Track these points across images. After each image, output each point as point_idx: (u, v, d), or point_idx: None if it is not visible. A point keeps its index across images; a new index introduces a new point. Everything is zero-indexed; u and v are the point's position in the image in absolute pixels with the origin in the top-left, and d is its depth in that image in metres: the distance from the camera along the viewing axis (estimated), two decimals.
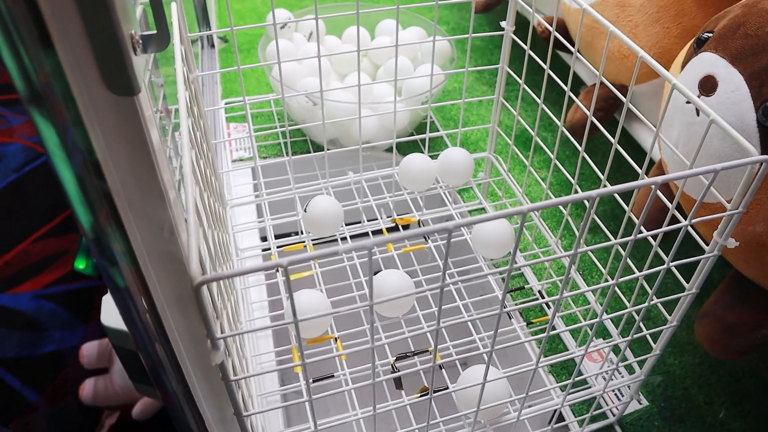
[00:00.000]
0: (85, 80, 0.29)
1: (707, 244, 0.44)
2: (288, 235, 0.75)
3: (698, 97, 0.47)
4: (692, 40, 0.52)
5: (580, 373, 0.63)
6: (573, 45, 0.54)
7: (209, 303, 0.41)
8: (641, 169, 0.49)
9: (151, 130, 0.34)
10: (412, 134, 0.92)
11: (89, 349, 1.20)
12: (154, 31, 0.33)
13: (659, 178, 0.34)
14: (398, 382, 0.55)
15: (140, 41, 0.31)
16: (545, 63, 0.59)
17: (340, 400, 0.57)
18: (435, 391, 0.47)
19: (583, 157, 0.58)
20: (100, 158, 0.31)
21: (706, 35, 0.50)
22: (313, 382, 0.57)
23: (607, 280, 0.65)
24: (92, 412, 1.47)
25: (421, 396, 0.52)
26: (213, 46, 1.11)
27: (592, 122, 0.55)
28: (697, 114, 0.47)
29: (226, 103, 0.97)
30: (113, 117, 0.31)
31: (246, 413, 0.39)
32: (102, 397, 1.19)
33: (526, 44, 0.62)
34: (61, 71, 0.28)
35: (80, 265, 0.95)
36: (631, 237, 0.39)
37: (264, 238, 0.78)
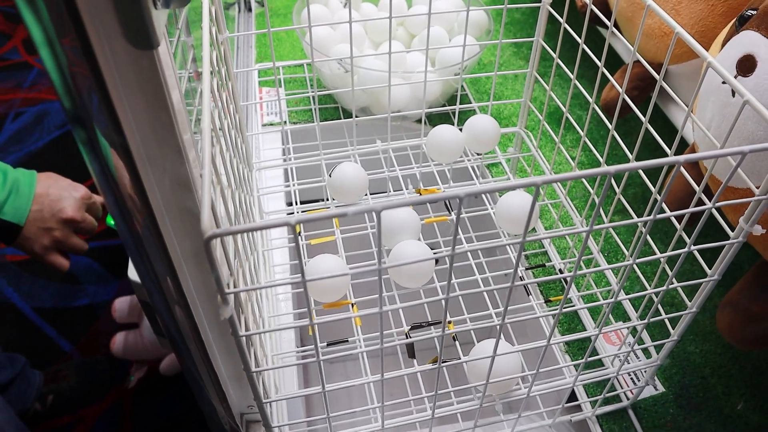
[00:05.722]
0: (105, 33, 0.30)
1: (734, 230, 0.43)
2: (314, 201, 0.76)
3: (735, 77, 0.46)
4: (736, 18, 0.50)
5: (595, 354, 0.62)
6: (616, 22, 0.53)
7: (222, 257, 0.41)
8: (670, 150, 0.48)
9: (171, 85, 0.34)
10: (444, 105, 0.91)
11: (121, 304, 1.23)
12: None
13: (681, 157, 0.33)
14: (411, 351, 0.55)
15: None
16: (583, 37, 0.58)
17: (358, 364, 0.58)
18: (444, 362, 0.47)
19: (616, 137, 0.56)
20: (119, 112, 0.31)
21: (750, 12, 0.48)
22: (327, 345, 0.58)
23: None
24: (122, 365, 1.52)
25: (431, 366, 0.52)
26: (250, 9, 1.11)
27: (626, 101, 0.53)
28: (733, 95, 0.46)
29: (260, 69, 0.97)
30: (133, 70, 0.32)
31: (255, 369, 0.40)
32: (131, 351, 1.23)
33: (563, 17, 0.60)
34: (81, 24, 0.28)
35: (111, 221, 0.98)
36: (651, 217, 0.38)
37: (290, 203, 0.79)
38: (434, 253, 0.59)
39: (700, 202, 0.45)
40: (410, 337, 0.56)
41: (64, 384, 1.43)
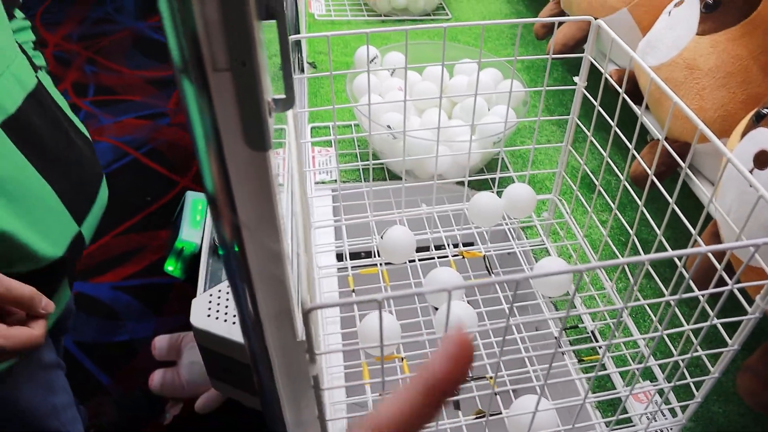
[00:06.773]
0: (232, 138, 0.37)
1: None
2: (360, 255, 0.82)
3: (752, 170, 0.51)
4: (753, 112, 0.56)
5: (625, 411, 0.67)
6: (643, 97, 0.59)
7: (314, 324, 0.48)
8: (695, 229, 0.54)
9: (275, 178, 0.41)
10: (482, 170, 0.97)
11: (161, 342, 1.30)
12: (284, 96, 0.40)
13: (703, 249, 0.39)
14: (456, 404, 0.61)
15: (274, 105, 0.39)
16: (618, 113, 0.64)
17: None
18: (491, 415, 0.53)
19: (645, 213, 0.62)
20: (237, 202, 0.38)
21: (765, 110, 0.54)
22: (379, 396, 0.63)
23: (656, 328, 0.69)
24: (158, 401, 1.58)
25: (476, 418, 0.57)
26: (303, 70, 1.20)
27: (654, 176, 0.59)
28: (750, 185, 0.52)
29: (312, 128, 1.05)
30: (248, 167, 0.39)
31: (329, 418, 0.45)
32: (169, 388, 1.29)
33: (597, 98, 0.67)
34: (217, 133, 0.35)
35: (170, 266, 1.05)
36: (677, 296, 0.44)
37: (339, 257, 0.85)
38: (477, 312, 0.65)
39: (722, 279, 0.51)
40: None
41: (104, 419, 1.50)
